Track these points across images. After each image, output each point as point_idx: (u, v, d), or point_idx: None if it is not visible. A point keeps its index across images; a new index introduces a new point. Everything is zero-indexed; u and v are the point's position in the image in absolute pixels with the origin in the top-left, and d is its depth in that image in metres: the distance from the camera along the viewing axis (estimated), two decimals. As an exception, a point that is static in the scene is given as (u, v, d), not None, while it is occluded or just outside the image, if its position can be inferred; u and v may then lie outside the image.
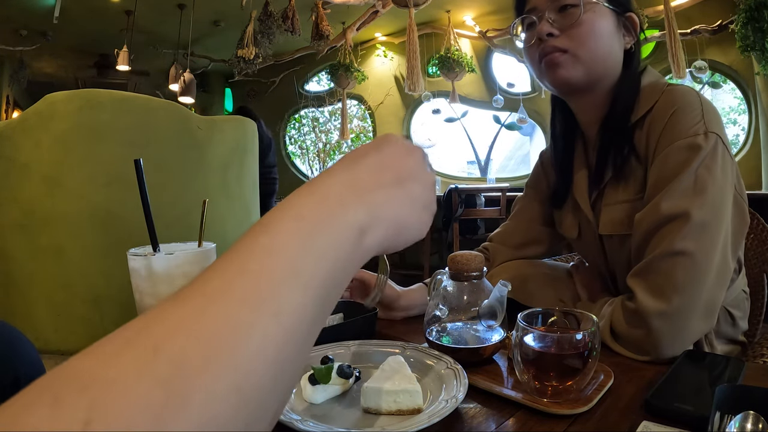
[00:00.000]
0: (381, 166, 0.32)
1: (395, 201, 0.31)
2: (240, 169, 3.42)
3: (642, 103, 0.74)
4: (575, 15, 0.71)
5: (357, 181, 0.30)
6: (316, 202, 0.27)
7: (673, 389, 0.51)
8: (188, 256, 0.48)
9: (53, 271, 2.64)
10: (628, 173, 0.73)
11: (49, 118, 2.66)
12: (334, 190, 0.29)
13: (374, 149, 0.34)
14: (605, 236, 0.79)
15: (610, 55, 0.74)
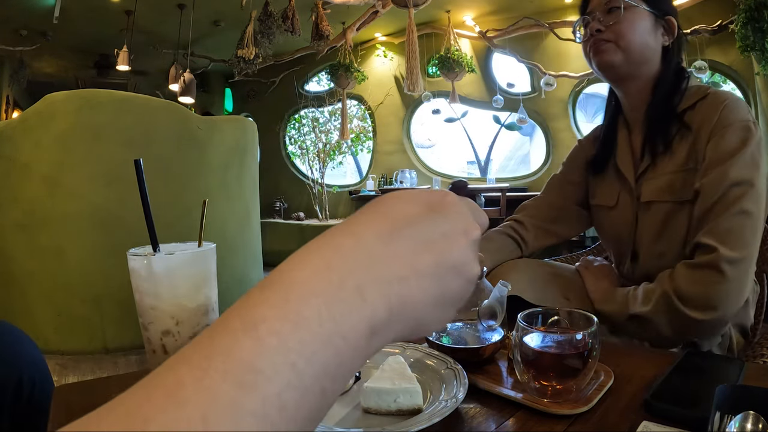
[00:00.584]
0: (426, 243, 0.25)
1: (426, 298, 0.25)
2: (240, 169, 3.42)
3: (691, 94, 0.89)
4: (617, 14, 0.89)
5: (388, 260, 0.23)
6: (325, 295, 0.21)
7: (673, 389, 0.51)
8: (188, 256, 0.48)
9: (53, 271, 2.64)
10: (675, 148, 0.87)
11: (49, 118, 2.66)
12: (353, 270, 0.22)
13: (427, 216, 0.26)
14: (643, 204, 0.90)
15: (647, 47, 0.90)
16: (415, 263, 0.24)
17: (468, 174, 6.24)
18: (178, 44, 5.33)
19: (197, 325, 0.48)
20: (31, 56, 5.69)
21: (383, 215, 0.26)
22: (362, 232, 0.24)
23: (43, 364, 0.70)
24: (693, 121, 0.85)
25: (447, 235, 0.26)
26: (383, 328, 0.23)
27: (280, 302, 0.20)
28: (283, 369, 0.18)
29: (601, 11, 0.91)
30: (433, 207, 0.27)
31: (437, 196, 0.28)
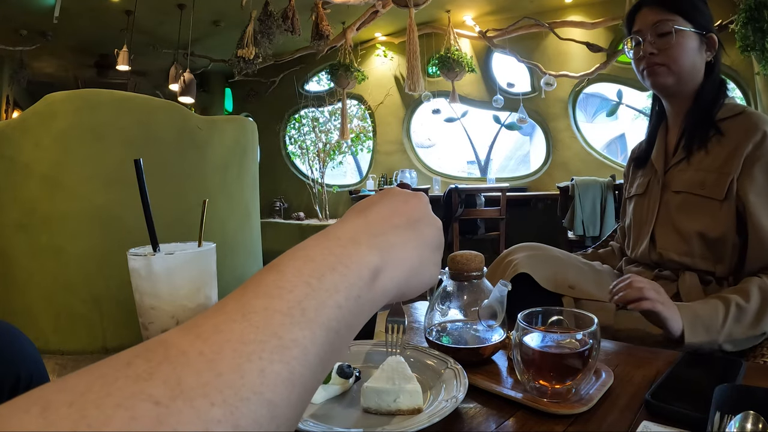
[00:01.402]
0: (391, 211, 0.33)
1: (408, 243, 0.31)
2: (240, 169, 3.42)
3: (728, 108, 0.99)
4: (669, 40, 0.97)
5: (369, 225, 0.30)
6: (327, 244, 0.27)
7: (673, 389, 0.51)
8: (188, 256, 0.48)
9: (53, 271, 2.64)
10: (712, 149, 0.96)
11: (49, 118, 2.66)
12: (346, 232, 0.29)
13: (381, 197, 0.35)
14: (672, 193, 1.00)
15: (695, 66, 1.00)
16: (390, 222, 0.32)
17: (468, 174, 6.24)
18: (178, 44, 5.32)
19: (197, 325, 0.48)
20: (31, 56, 5.69)
21: (353, 211, 0.33)
22: (343, 219, 0.32)
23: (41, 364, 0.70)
24: (729, 130, 0.95)
25: (402, 202, 0.34)
26: (382, 269, 0.28)
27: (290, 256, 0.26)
28: (300, 285, 0.23)
29: (652, 34, 0.99)
30: (383, 194, 0.35)
31: (383, 191, 0.36)
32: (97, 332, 2.64)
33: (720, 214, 0.92)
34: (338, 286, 0.25)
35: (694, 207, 0.95)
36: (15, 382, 0.64)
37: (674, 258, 0.97)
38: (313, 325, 0.22)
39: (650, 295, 0.76)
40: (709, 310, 0.80)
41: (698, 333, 0.78)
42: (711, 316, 0.80)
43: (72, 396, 0.16)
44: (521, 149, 8.07)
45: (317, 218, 5.75)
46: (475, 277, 0.64)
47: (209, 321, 0.21)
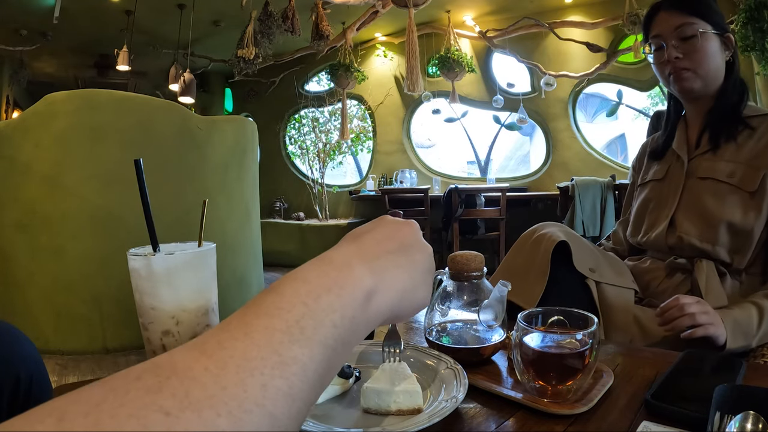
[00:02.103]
0: (384, 236, 0.34)
1: (401, 267, 0.33)
2: (240, 169, 3.42)
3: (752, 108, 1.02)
4: (695, 44, 0.97)
5: (363, 250, 0.32)
6: (323, 268, 0.28)
7: (673, 389, 0.51)
8: (188, 256, 0.48)
9: (53, 271, 2.64)
10: (742, 142, 0.97)
11: (49, 118, 2.66)
12: (341, 257, 0.30)
13: (374, 225, 0.36)
14: (698, 179, 0.99)
15: (719, 68, 1.00)
16: (383, 247, 0.33)
17: (468, 174, 6.24)
18: (178, 44, 5.32)
19: (197, 325, 0.48)
20: (31, 56, 5.69)
21: (347, 238, 0.35)
22: (338, 245, 0.33)
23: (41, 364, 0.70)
24: (760, 127, 0.96)
25: (395, 229, 0.36)
26: (375, 291, 0.29)
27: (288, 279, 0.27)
28: (298, 305, 0.25)
29: (675, 38, 0.98)
30: (376, 222, 0.37)
31: (375, 220, 0.38)
32: (97, 332, 2.64)
33: (751, 205, 0.91)
34: (334, 307, 0.26)
35: (722, 194, 0.94)
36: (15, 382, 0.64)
37: (695, 243, 0.95)
38: (311, 343, 0.23)
39: (702, 320, 0.75)
40: (746, 316, 0.81)
41: (738, 339, 0.79)
42: (748, 322, 0.81)
43: (87, 407, 0.18)
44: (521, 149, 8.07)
45: (317, 218, 5.75)
46: (475, 277, 0.64)
47: (213, 338, 0.22)
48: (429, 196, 4.32)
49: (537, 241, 0.92)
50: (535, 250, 0.91)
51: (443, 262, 0.69)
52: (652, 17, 1.03)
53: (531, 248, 0.92)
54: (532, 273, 0.87)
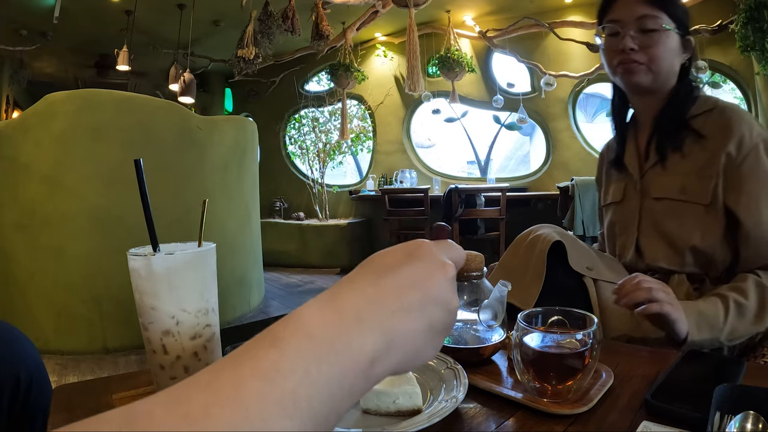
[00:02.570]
0: (409, 283, 0.30)
1: (416, 327, 0.29)
2: (240, 169, 3.42)
3: (699, 104, 0.95)
4: (654, 38, 0.91)
5: (379, 298, 0.28)
6: (331, 318, 0.25)
7: (673, 389, 0.51)
8: (188, 256, 0.48)
9: (53, 271, 2.64)
10: (688, 152, 0.93)
11: (49, 118, 2.66)
12: (352, 304, 0.27)
13: (406, 262, 0.31)
14: (652, 200, 0.96)
15: (672, 68, 0.95)
16: (402, 299, 0.29)
17: (468, 174, 6.24)
18: (178, 44, 5.32)
19: (197, 325, 0.48)
20: (31, 56, 5.69)
21: (370, 268, 0.31)
22: (355, 279, 0.29)
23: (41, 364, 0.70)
24: (704, 129, 0.91)
25: (426, 274, 0.31)
26: (381, 356, 0.26)
27: (292, 330, 0.24)
28: (298, 371, 0.23)
29: (635, 28, 0.92)
30: (410, 254, 0.32)
31: (413, 245, 0.33)
32: (97, 332, 2.64)
33: (707, 220, 0.89)
34: (334, 373, 0.24)
35: (680, 214, 0.92)
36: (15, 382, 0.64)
37: (664, 266, 0.94)
38: (303, 415, 0.22)
39: (659, 296, 0.72)
40: (711, 308, 0.79)
41: (703, 331, 0.76)
42: (714, 313, 0.78)
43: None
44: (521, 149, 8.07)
45: (317, 218, 5.75)
46: (475, 277, 0.64)
47: (199, 398, 0.20)
48: (429, 196, 4.32)
49: (532, 242, 0.91)
50: (531, 251, 0.89)
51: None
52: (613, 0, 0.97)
53: (526, 250, 0.91)
54: (529, 274, 0.86)
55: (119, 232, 2.63)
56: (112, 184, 2.65)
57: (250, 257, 3.56)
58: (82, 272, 2.64)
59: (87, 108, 2.70)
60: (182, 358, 0.47)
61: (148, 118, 2.84)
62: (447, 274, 0.32)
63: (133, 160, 0.49)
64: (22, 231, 2.66)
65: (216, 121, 3.26)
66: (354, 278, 0.29)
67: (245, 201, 3.50)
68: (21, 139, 2.66)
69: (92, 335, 2.64)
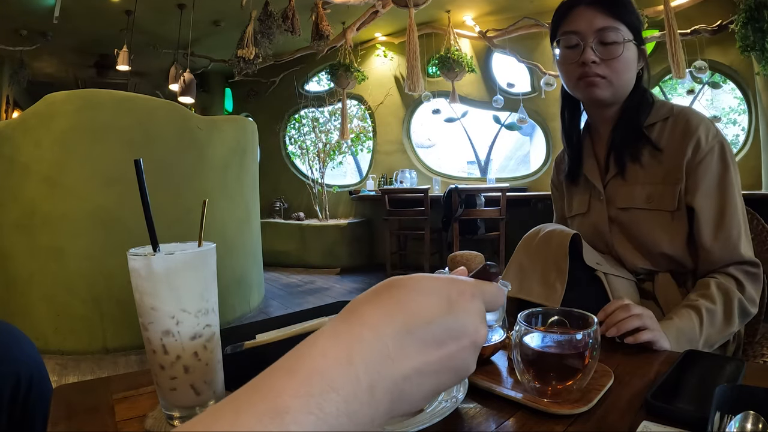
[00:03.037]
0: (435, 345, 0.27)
1: (422, 393, 0.27)
2: (240, 169, 3.42)
3: (658, 111, 0.95)
4: (616, 51, 0.89)
5: (399, 364, 0.25)
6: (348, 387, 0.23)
7: (673, 389, 0.51)
8: (188, 256, 0.48)
9: (53, 271, 2.64)
10: (647, 162, 0.92)
11: (49, 118, 2.66)
12: (370, 361, 0.24)
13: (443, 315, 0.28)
14: (619, 210, 0.95)
15: (632, 79, 0.94)
16: (422, 364, 0.26)
17: (468, 174, 6.24)
18: (178, 44, 5.32)
19: (197, 325, 0.48)
20: (31, 56, 5.69)
21: (402, 308, 0.27)
22: (381, 325, 0.26)
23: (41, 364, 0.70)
24: (661, 140, 0.92)
25: (456, 338, 0.28)
26: (382, 418, 0.25)
27: (304, 394, 0.22)
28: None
29: (596, 40, 0.89)
30: (450, 302, 0.28)
31: (456, 291, 0.29)
32: (97, 332, 2.64)
33: (674, 225, 0.89)
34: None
35: (648, 222, 0.91)
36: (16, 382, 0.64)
37: (645, 268, 0.93)
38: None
39: (648, 324, 0.70)
40: (687, 323, 0.78)
41: (682, 346, 0.75)
42: (691, 327, 0.78)
43: None
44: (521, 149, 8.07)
45: (317, 218, 5.75)
46: (475, 277, 0.64)
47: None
48: (429, 196, 4.32)
49: (545, 239, 0.88)
50: (546, 248, 0.86)
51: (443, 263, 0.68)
52: (570, 9, 0.93)
53: (540, 247, 0.87)
54: (551, 271, 0.83)
55: (119, 232, 2.63)
56: (112, 184, 2.65)
57: (250, 257, 3.56)
58: (82, 272, 2.64)
59: (87, 108, 2.70)
60: (182, 358, 0.47)
61: (148, 118, 2.84)
62: (478, 342, 0.29)
63: (133, 160, 0.49)
64: (22, 231, 2.66)
65: (216, 121, 3.26)
66: (380, 324, 0.26)
67: (245, 201, 3.50)
68: (21, 139, 2.66)
69: (92, 335, 2.64)
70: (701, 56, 3.96)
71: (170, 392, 0.48)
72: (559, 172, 1.12)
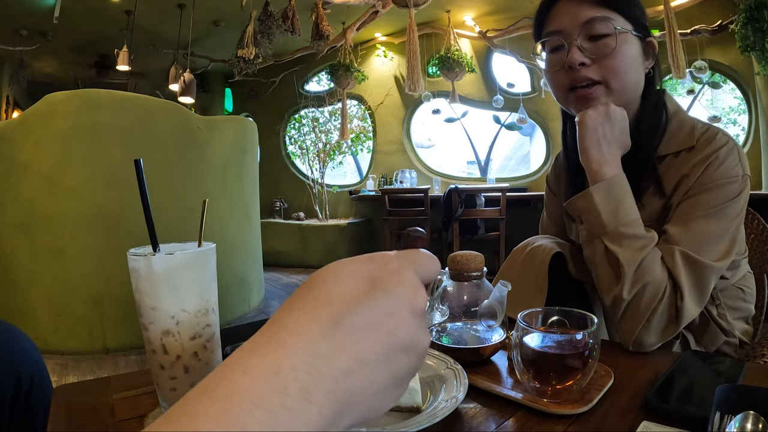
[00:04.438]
0: (369, 325, 0.24)
1: (375, 384, 0.24)
2: (240, 169, 3.42)
3: (676, 135, 0.76)
4: (609, 46, 0.72)
5: (333, 360, 0.22)
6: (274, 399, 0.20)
7: (673, 389, 0.51)
8: (188, 256, 0.48)
9: (53, 271, 2.64)
10: (646, 200, 0.77)
11: (49, 118, 2.66)
12: (298, 365, 0.21)
13: (368, 294, 0.25)
14: None
15: (638, 82, 0.77)
16: (360, 353, 0.23)
17: (468, 174, 6.24)
18: (178, 44, 5.32)
19: (197, 325, 0.48)
20: (31, 56, 5.69)
21: (323, 302, 0.24)
22: (304, 327, 0.23)
23: (42, 364, 0.70)
24: (672, 176, 0.75)
25: (392, 314, 0.25)
26: (331, 424, 0.21)
27: (220, 414, 0.19)
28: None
29: (582, 36, 0.73)
30: (375, 281, 0.25)
31: (378, 266, 0.26)
32: (97, 332, 2.64)
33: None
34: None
35: None
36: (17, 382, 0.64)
37: None
38: None
39: None
40: (629, 204, 0.70)
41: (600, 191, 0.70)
42: (629, 206, 0.70)
43: None
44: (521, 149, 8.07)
45: (317, 218, 5.75)
46: (475, 277, 0.64)
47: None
48: (429, 196, 4.32)
49: (531, 254, 0.81)
50: (530, 263, 0.80)
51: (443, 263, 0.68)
52: (550, 6, 0.77)
53: (525, 262, 0.81)
54: (531, 288, 0.79)
55: (119, 232, 2.63)
56: (112, 184, 2.65)
57: (250, 257, 3.56)
58: (82, 272, 2.64)
59: (87, 108, 2.70)
60: (182, 358, 0.47)
61: (148, 118, 2.84)
62: (416, 308, 0.26)
63: (133, 160, 0.49)
64: (22, 231, 2.66)
65: (216, 121, 3.26)
66: (303, 325, 0.23)
67: (245, 201, 3.50)
68: (21, 139, 2.66)
69: (92, 335, 2.64)
70: (701, 56, 3.97)
71: (170, 392, 0.48)
72: (557, 173, 0.99)
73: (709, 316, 0.82)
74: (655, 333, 0.66)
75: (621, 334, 0.69)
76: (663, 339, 0.67)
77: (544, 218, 1.02)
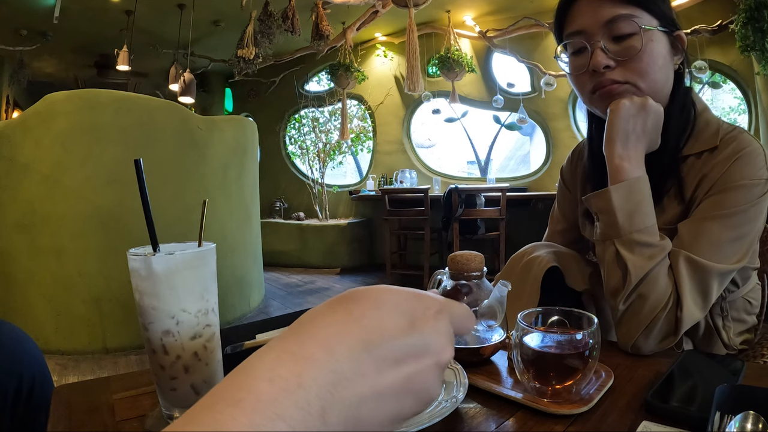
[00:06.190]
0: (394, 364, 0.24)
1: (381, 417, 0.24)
2: (240, 169, 3.42)
3: (701, 134, 0.74)
4: (635, 47, 0.69)
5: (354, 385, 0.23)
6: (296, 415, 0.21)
7: (673, 389, 0.51)
8: (188, 256, 0.48)
9: (53, 271, 2.64)
10: (666, 204, 0.75)
11: (49, 118, 2.66)
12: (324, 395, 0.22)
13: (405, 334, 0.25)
14: None
15: (667, 80, 0.74)
16: (379, 384, 0.24)
17: (468, 174, 6.24)
18: (178, 44, 5.32)
19: (197, 325, 0.48)
20: (31, 56, 5.69)
21: (359, 324, 0.24)
22: (335, 343, 0.23)
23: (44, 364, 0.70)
24: (693, 178, 0.73)
25: (418, 358, 0.25)
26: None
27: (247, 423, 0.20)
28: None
29: (605, 36, 0.70)
30: (413, 320, 0.26)
31: (420, 309, 0.27)
32: (97, 332, 2.64)
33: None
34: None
35: None
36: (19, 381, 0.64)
37: None
38: None
39: None
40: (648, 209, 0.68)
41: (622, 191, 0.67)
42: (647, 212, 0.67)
43: None
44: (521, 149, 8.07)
45: (317, 218, 5.75)
46: (475, 277, 0.64)
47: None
48: (429, 196, 4.32)
49: (527, 265, 0.79)
50: (526, 275, 0.79)
51: (443, 263, 0.68)
52: (570, 5, 0.74)
53: (521, 273, 0.80)
54: (522, 302, 0.77)
55: (119, 232, 2.63)
56: (112, 184, 2.65)
57: (250, 257, 3.56)
58: (82, 272, 2.64)
59: (87, 108, 2.70)
60: (182, 358, 0.47)
61: (148, 118, 2.84)
62: (441, 360, 0.26)
63: (133, 160, 0.49)
64: (22, 231, 2.66)
65: (216, 121, 3.26)
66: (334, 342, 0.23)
67: (245, 201, 3.50)
68: (21, 139, 2.66)
69: (92, 335, 2.65)
70: (701, 56, 3.97)
71: (170, 392, 0.48)
72: (573, 167, 0.94)
73: (714, 328, 0.81)
74: (654, 340, 0.66)
75: (620, 337, 0.70)
76: (662, 347, 0.67)
77: (555, 210, 0.99)
